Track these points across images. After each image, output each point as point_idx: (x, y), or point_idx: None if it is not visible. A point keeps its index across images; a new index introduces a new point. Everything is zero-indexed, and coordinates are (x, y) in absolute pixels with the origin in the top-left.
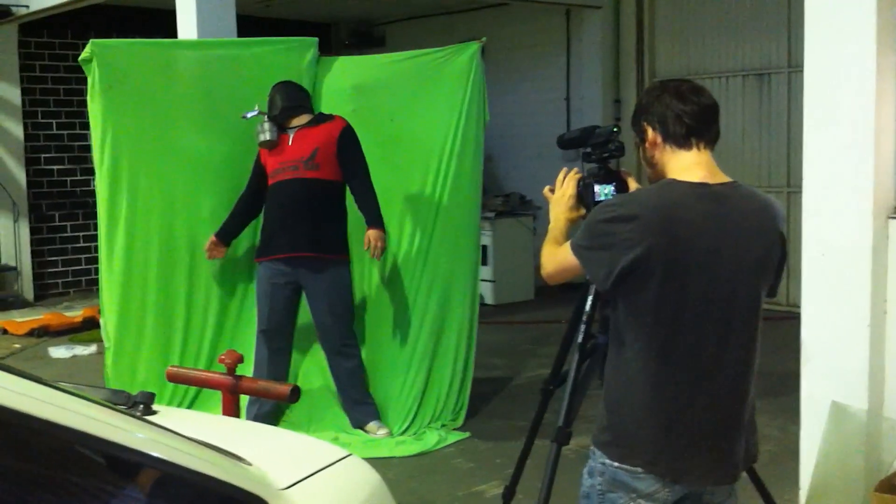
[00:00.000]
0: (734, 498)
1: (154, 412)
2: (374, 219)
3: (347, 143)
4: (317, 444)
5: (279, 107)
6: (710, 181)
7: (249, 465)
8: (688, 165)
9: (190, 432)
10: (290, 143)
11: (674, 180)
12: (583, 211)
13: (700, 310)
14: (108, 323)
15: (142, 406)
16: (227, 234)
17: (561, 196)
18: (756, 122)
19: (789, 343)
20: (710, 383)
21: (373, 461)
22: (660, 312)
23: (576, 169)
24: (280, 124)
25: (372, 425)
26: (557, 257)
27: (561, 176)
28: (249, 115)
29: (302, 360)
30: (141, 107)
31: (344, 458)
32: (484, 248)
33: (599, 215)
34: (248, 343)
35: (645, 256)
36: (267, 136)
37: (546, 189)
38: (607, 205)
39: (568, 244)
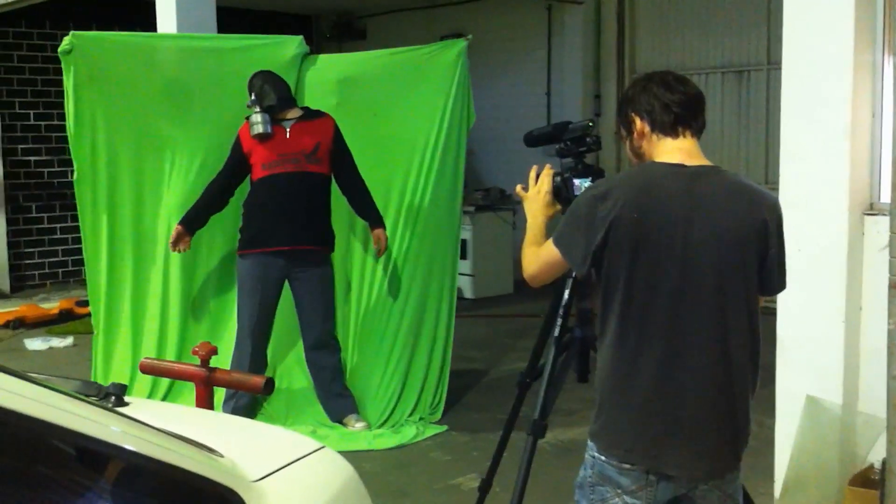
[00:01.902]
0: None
1: (126, 403)
2: (379, 218)
3: (342, 142)
4: (290, 435)
5: (274, 98)
6: (688, 163)
7: (221, 456)
8: (669, 150)
9: (162, 424)
10: (287, 135)
11: (652, 162)
12: (559, 207)
13: (674, 288)
14: (96, 311)
15: (113, 397)
16: (193, 223)
17: (536, 193)
18: (735, 118)
19: (766, 337)
20: (687, 364)
21: (350, 454)
22: (631, 289)
23: (548, 165)
24: (274, 116)
25: (350, 419)
26: (541, 255)
27: (532, 173)
28: (249, 105)
29: (280, 353)
30: (122, 99)
31: (317, 450)
32: (463, 242)
33: (577, 200)
34: (225, 335)
35: (615, 232)
36: (261, 128)
37: (518, 187)
38: (585, 189)
39: (549, 241)
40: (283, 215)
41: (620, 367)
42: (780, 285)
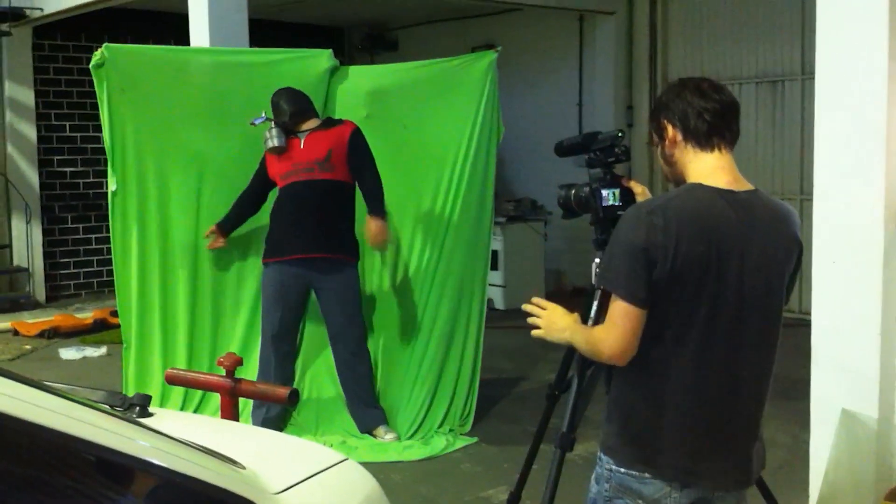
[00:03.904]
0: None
1: (150, 414)
2: (375, 207)
3: (357, 144)
4: (313, 447)
5: (287, 112)
6: (736, 188)
7: (242, 468)
8: (712, 170)
9: (185, 435)
10: (301, 146)
11: (700, 185)
12: (576, 316)
13: (732, 317)
14: (126, 324)
15: (138, 408)
16: (227, 224)
17: (551, 315)
18: (769, 129)
19: (801, 350)
20: (739, 388)
21: (380, 465)
22: (693, 319)
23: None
24: (289, 129)
25: (380, 430)
26: (616, 324)
27: (529, 306)
28: (258, 122)
29: (310, 363)
30: (153, 111)
31: (340, 462)
32: (494, 252)
33: (627, 231)
34: (256, 346)
35: (677, 265)
36: (275, 142)
37: (533, 332)
38: (632, 216)
39: (615, 303)
40: (298, 224)
41: (674, 392)
42: (789, 295)
